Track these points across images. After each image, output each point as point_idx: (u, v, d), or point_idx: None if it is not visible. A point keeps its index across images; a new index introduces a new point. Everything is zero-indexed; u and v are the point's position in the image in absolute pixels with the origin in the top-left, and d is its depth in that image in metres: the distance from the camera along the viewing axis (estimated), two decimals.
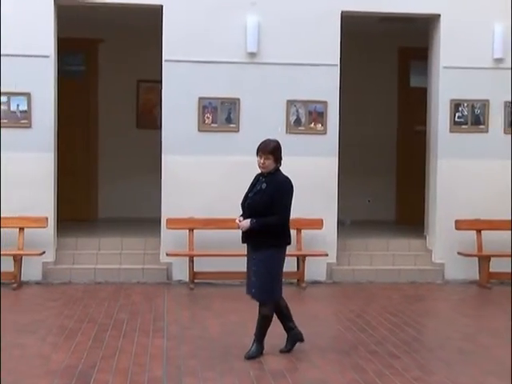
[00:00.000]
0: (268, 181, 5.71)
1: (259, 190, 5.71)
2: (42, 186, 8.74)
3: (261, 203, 5.64)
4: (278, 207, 5.64)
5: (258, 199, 5.67)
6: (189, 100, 8.85)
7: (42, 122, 8.71)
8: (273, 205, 5.62)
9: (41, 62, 8.67)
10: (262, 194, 5.67)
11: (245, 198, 5.82)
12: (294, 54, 8.95)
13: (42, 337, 6.25)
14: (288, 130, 9.02)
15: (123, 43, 11.00)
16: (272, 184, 5.68)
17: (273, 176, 5.74)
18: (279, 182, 5.72)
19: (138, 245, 9.22)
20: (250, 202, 5.70)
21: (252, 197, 5.73)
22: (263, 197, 5.65)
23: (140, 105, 11.39)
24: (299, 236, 8.87)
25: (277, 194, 5.65)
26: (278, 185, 5.70)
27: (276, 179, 5.73)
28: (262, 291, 5.69)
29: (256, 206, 5.65)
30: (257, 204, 5.65)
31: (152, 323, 6.80)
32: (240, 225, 5.69)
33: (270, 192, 5.65)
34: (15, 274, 8.36)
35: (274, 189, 5.66)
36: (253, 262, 5.69)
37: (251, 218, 5.63)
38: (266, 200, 5.63)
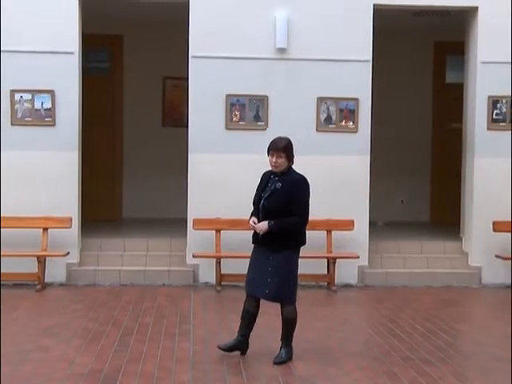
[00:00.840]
0: (283, 180, 5.68)
1: (274, 189, 5.67)
2: (66, 186, 8.84)
3: (278, 204, 5.61)
4: (298, 207, 5.62)
5: (274, 200, 5.64)
6: (216, 97, 8.88)
7: (67, 120, 8.81)
8: (291, 205, 5.59)
9: (65, 58, 8.77)
10: (278, 193, 5.64)
11: (257, 198, 5.77)
12: (324, 49, 8.93)
13: (66, 339, 6.32)
14: (318, 128, 9.01)
15: (149, 39, 11.07)
16: (288, 183, 5.65)
17: (287, 175, 5.71)
18: (296, 180, 5.69)
19: (164, 246, 9.28)
20: (266, 203, 5.66)
21: (267, 197, 5.68)
22: (280, 197, 5.62)
23: (166, 102, 11.45)
24: (329, 237, 8.85)
25: (295, 193, 5.62)
26: (295, 184, 5.66)
27: (292, 178, 5.69)
28: (283, 292, 5.68)
29: (273, 207, 5.62)
30: (274, 205, 5.62)
31: (178, 326, 6.84)
32: (257, 227, 5.66)
33: (286, 191, 5.62)
34: (39, 276, 8.46)
35: (291, 188, 5.63)
36: (269, 263, 5.65)
37: (269, 220, 5.61)
38: (283, 200, 5.60)
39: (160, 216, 10.94)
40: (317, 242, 8.82)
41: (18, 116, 8.75)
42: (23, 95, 8.73)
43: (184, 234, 9.01)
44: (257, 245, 5.79)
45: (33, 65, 8.71)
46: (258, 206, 5.74)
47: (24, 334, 6.43)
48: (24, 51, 8.68)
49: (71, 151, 8.85)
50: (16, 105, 8.73)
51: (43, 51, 8.72)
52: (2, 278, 8.52)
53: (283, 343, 5.82)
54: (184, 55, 9.00)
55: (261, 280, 5.69)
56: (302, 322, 6.99)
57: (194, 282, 8.95)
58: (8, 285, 8.54)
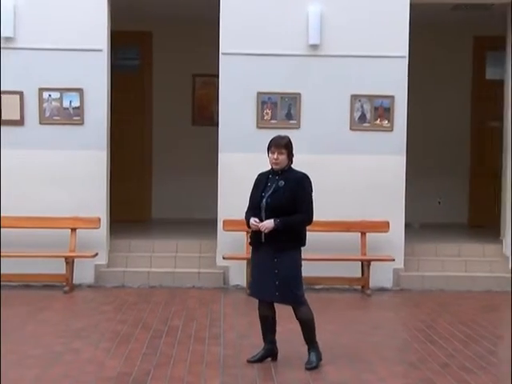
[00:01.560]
0: (285, 178, 5.67)
1: (277, 187, 5.65)
2: (94, 186, 8.94)
3: (283, 201, 5.59)
4: (302, 204, 5.61)
5: (278, 197, 5.61)
6: (247, 95, 8.90)
7: (95, 119, 8.90)
8: (295, 202, 5.59)
9: (94, 56, 8.87)
10: (283, 191, 5.63)
11: (257, 198, 5.71)
12: (358, 45, 8.90)
13: (95, 342, 6.39)
14: (352, 126, 8.98)
15: (178, 36, 11.15)
16: (291, 180, 5.65)
17: (288, 173, 5.70)
18: (299, 177, 5.69)
19: (194, 247, 9.33)
20: (270, 202, 5.63)
21: (270, 195, 5.66)
22: (284, 194, 5.61)
23: (196, 100, 11.52)
24: (363, 239, 8.82)
25: (299, 190, 5.62)
26: (299, 181, 5.66)
27: (294, 175, 5.70)
28: (294, 294, 5.67)
29: (277, 204, 5.60)
30: (278, 202, 5.60)
31: (208, 330, 6.87)
32: (261, 226, 5.59)
33: (290, 189, 5.61)
34: (67, 277, 8.56)
35: (294, 185, 5.62)
36: (274, 265, 5.63)
37: (274, 218, 5.58)
38: (288, 197, 5.59)
39: (190, 217, 11.00)
40: (351, 244, 8.82)
41: (46, 115, 8.87)
42: (51, 94, 8.84)
43: (214, 235, 9.05)
44: (259, 246, 5.74)
45: (61, 63, 8.82)
46: (258, 206, 5.68)
47: (53, 336, 6.52)
48: (52, 49, 8.80)
49: (100, 150, 8.94)
50: (44, 103, 8.85)
51: (71, 49, 8.83)
52: (31, 279, 8.66)
53: (309, 347, 5.81)
54: (214, 52, 9.04)
55: (268, 283, 5.68)
56: (335, 327, 7.00)
57: (224, 285, 8.98)
58: (37, 286, 8.68)
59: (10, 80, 8.78)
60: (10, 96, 8.78)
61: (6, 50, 8.77)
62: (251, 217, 5.67)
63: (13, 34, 8.75)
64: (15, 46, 8.79)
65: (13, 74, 8.78)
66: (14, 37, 8.77)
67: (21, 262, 8.60)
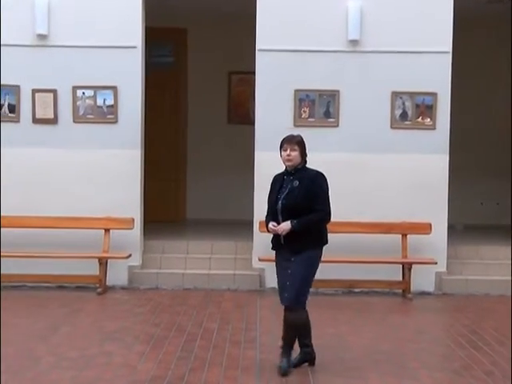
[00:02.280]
0: (299, 177, 5.64)
1: (292, 188, 5.62)
2: (128, 185, 9.00)
3: (298, 201, 5.55)
4: (318, 202, 5.57)
5: (293, 197, 5.58)
6: (284, 92, 8.88)
7: (129, 117, 8.96)
8: (311, 201, 5.54)
9: (128, 53, 8.93)
10: (298, 191, 5.59)
11: (274, 200, 5.68)
12: (399, 40, 8.82)
13: (128, 345, 6.43)
14: (393, 125, 8.90)
15: (214, 32, 11.18)
16: (306, 179, 5.61)
17: (302, 172, 5.67)
18: (313, 175, 5.65)
19: (229, 249, 9.33)
20: (286, 203, 5.60)
21: (285, 196, 5.63)
22: (299, 194, 5.57)
23: (231, 98, 11.54)
24: (404, 242, 8.74)
25: (314, 188, 5.58)
26: (313, 179, 5.62)
27: (308, 174, 5.66)
28: (297, 295, 5.61)
29: (292, 205, 5.57)
30: (293, 202, 5.57)
31: (244, 333, 6.87)
32: (279, 229, 5.58)
33: (306, 188, 5.58)
34: (100, 278, 8.63)
35: (309, 184, 5.59)
36: (289, 265, 5.62)
37: (291, 220, 5.56)
38: (303, 197, 5.56)
39: (225, 217, 11.02)
40: (391, 246, 8.75)
41: (79, 113, 8.95)
42: (85, 91, 8.92)
43: (250, 236, 9.05)
44: (278, 249, 5.74)
45: (95, 60, 8.89)
46: (275, 209, 5.67)
47: (87, 339, 6.58)
48: (86, 46, 8.88)
49: (134, 149, 9.00)
50: (78, 101, 8.93)
51: (105, 46, 8.90)
52: (64, 280, 8.74)
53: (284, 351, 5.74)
54: (251, 49, 9.04)
55: (284, 285, 5.67)
56: (375, 332, 6.95)
57: (260, 287, 8.97)
58: (70, 287, 8.77)
59: (44, 78, 8.88)
60: (44, 94, 8.89)
61: (39, 47, 8.88)
62: (270, 221, 5.67)
63: (47, 32, 8.85)
64: (49, 44, 8.89)
65: (46, 71, 8.89)
66: (48, 34, 8.87)
67: (54, 263, 8.69)
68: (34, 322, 7.16)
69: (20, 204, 8.85)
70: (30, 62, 8.89)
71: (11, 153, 8.90)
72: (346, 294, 8.78)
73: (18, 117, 8.94)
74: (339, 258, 8.58)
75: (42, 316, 7.41)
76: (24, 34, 8.87)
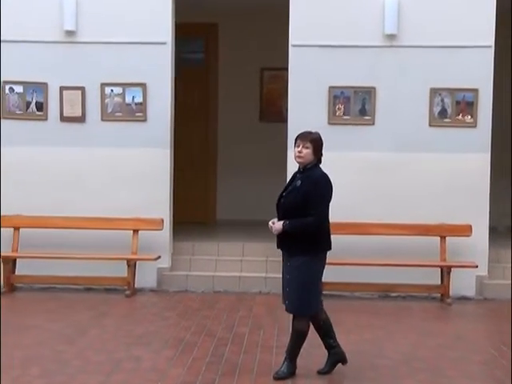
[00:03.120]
0: (303, 177, 5.63)
1: (293, 187, 5.64)
2: (157, 185, 9.04)
3: (293, 202, 5.56)
4: (314, 206, 5.52)
5: (291, 197, 5.60)
6: (318, 89, 8.86)
7: (159, 115, 9.01)
8: (308, 204, 5.52)
9: (157, 49, 8.98)
10: (296, 192, 5.60)
11: (279, 197, 5.74)
12: (439, 34, 8.76)
13: (156, 349, 6.47)
14: (431, 122, 8.84)
15: (245, 27, 11.18)
16: (307, 181, 5.59)
17: (309, 172, 5.65)
18: (315, 177, 5.61)
19: (261, 251, 9.33)
20: (283, 202, 5.63)
21: (285, 196, 5.66)
22: (297, 195, 5.57)
23: (264, 95, 11.54)
24: (443, 244, 8.67)
25: (312, 191, 5.54)
26: (314, 181, 5.59)
27: (312, 175, 5.63)
28: (296, 303, 5.60)
29: (289, 206, 5.58)
30: (289, 203, 5.58)
31: (276, 338, 6.87)
32: (273, 228, 5.64)
33: (304, 189, 5.56)
34: (129, 281, 8.69)
35: (308, 186, 5.56)
36: (287, 270, 5.63)
37: (284, 220, 5.57)
38: (299, 199, 5.54)
39: (257, 218, 10.96)
40: (429, 249, 8.69)
41: (108, 111, 9.02)
42: (114, 89, 8.99)
43: None
44: (280, 250, 5.79)
45: (124, 56, 8.96)
46: (278, 206, 5.72)
47: (115, 342, 6.64)
48: (115, 42, 8.95)
49: (163, 148, 9.05)
50: (106, 99, 9.00)
51: (135, 42, 8.96)
52: (93, 282, 8.82)
53: (287, 356, 5.76)
54: (284, 44, 9.03)
55: (284, 290, 5.70)
56: (413, 338, 6.90)
57: None
58: (98, 289, 8.84)
59: (72, 75, 8.97)
60: (72, 92, 8.98)
61: (67, 44, 8.97)
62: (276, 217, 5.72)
63: (75, 28, 8.93)
64: (77, 40, 8.98)
65: (74, 68, 8.98)
66: (76, 30, 8.95)
67: (83, 265, 8.78)
68: (62, 324, 7.24)
69: (47, 204, 8.95)
70: (58, 58, 8.98)
71: (38, 152, 9.01)
72: (382, 299, 8.74)
73: (45, 115, 9.04)
74: (375, 261, 8.56)
75: (70, 318, 7.49)
76: (52, 30, 8.97)
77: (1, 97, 9.01)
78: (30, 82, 8.98)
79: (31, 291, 8.83)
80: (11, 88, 9.00)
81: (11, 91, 9.00)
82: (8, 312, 8.04)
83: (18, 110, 9.04)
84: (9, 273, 8.76)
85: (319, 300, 5.74)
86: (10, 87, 9.00)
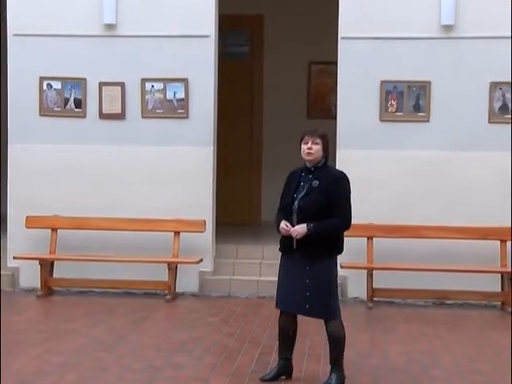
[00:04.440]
0: (320, 177, 5.57)
1: (310, 188, 5.56)
2: (199, 185, 9.09)
3: (316, 204, 5.49)
4: (339, 207, 5.51)
5: (312, 199, 5.52)
6: (369, 84, 8.82)
7: (201, 112, 9.06)
8: (331, 205, 5.49)
9: (200, 42, 9.03)
10: (317, 193, 5.53)
11: (289, 199, 5.64)
12: (498, 25, 8.64)
13: (198, 356, 6.50)
14: (491, 119, 8.73)
15: (292, 19, 11.19)
16: (327, 180, 5.54)
17: (323, 170, 5.60)
18: (336, 177, 5.58)
19: None
20: (303, 205, 5.55)
21: (303, 197, 5.57)
22: (319, 196, 5.51)
23: (311, 90, 11.53)
24: (503, 249, 8.57)
25: (336, 191, 5.51)
26: (336, 181, 5.55)
27: (330, 174, 5.59)
28: (327, 307, 5.59)
29: (311, 208, 5.50)
30: (312, 206, 5.51)
31: (323, 347, 6.82)
32: (293, 231, 5.52)
33: (326, 190, 5.51)
34: (169, 285, 8.75)
35: (330, 185, 5.52)
36: (305, 274, 5.56)
37: (307, 223, 5.50)
38: (322, 199, 5.49)
39: None
40: (488, 253, 8.59)
41: (148, 108, 9.10)
42: (154, 84, 9.07)
43: None
44: (288, 253, 5.69)
45: (165, 51, 9.03)
46: (290, 209, 5.62)
47: (155, 349, 6.69)
48: (155, 36, 9.02)
49: (206, 146, 9.09)
50: (147, 95, 9.08)
51: (176, 35, 9.02)
52: (132, 286, 8.91)
53: (332, 367, 5.71)
54: (333, 36, 9.01)
55: (297, 294, 5.62)
56: (471, 349, 6.82)
57: (341, 297, 8.85)
58: (138, 293, 8.93)
59: (111, 70, 9.08)
60: (111, 87, 9.08)
61: (107, 37, 9.07)
62: (282, 220, 5.63)
63: (114, 21, 9.03)
64: (117, 34, 9.08)
65: (114, 63, 9.08)
66: (116, 24, 9.05)
67: (122, 268, 8.88)
68: (100, 329, 7.33)
69: (85, 204, 9.07)
70: (97, 53, 9.09)
71: (76, 150, 9.13)
72: (437, 306, 8.66)
73: (84, 112, 9.16)
74: (429, 266, 8.49)
75: (109, 324, 7.58)
76: (91, 23, 9.08)
77: (38, 93, 9.14)
78: (68, 78, 9.11)
79: (69, 295, 8.97)
80: (49, 84, 9.14)
81: (49, 87, 9.15)
82: (45, 316, 8.19)
83: (56, 107, 9.18)
84: (46, 276, 8.90)
85: None
86: (48, 83, 9.14)
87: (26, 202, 9.11)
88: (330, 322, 5.68)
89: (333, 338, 5.70)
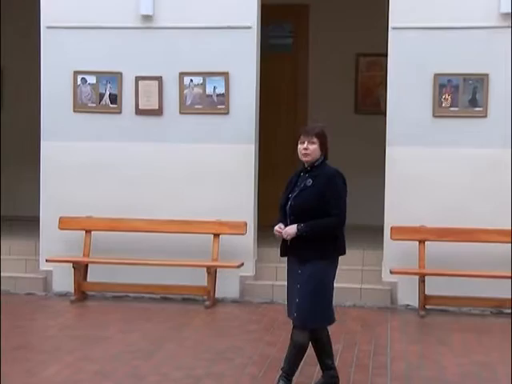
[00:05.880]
0: (314, 175, 5.61)
1: (304, 187, 5.61)
2: (240, 185, 9.13)
3: (308, 202, 5.53)
4: (332, 206, 5.52)
5: (304, 198, 5.56)
6: (422, 77, 8.78)
7: (242, 108, 9.09)
8: (325, 204, 5.51)
9: (241, 34, 9.06)
10: (310, 191, 5.57)
11: (285, 200, 5.71)
12: None
13: (240, 366, 6.53)
14: None
15: (339, 8, 11.18)
16: (320, 178, 5.58)
17: (319, 169, 5.64)
18: (330, 174, 5.61)
19: (355, 259, 9.29)
20: (295, 204, 5.59)
21: (295, 197, 5.62)
22: (311, 195, 5.55)
23: (359, 84, 11.49)
24: None
25: (329, 189, 5.55)
26: (329, 178, 5.59)
27: (324, 172, 5.62)
28: (309, 314, 5.56)
29: (302, 207, 5.55)
30: (303, 204, 5.55)
31: (371, 357, 6.84)
32: (284, 232, 5.59)
33: (319, 188, 5.54)
34: (209, 290, 8.79)
35: (324, 183, 5.55)
36: (297, 278, 5.59)
37: (298, 223, 5.53)
38: (314, 198, 5.52)
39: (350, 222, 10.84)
40: None
41: (186, 103, 9.15)
42: (193, 79, 9.12)
43: (379, 244, 9.00)
44: (288, 256, 5.76)
45: (204, 43, 9.08)
46: (285, 209, 5.68)
47: (194, 358, 6.74)
48: (194, 27, 9.08)
49: (247, 144, 9.12)
50: (185, 90, 9.14)
51: (216, 27, 9.07)
52: (169, 291, 8.98)
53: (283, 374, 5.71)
54: (382, 26, 8.99)
55: (292, 300, 5.66)
56: None
57: (391, 304, 8.91)
58: (175, 299, 8.99)
59: (148, 64, 9.15)
60: (148, 82, 9.15)
61: (143, 29, 9.15)
62: (280, 222, 5.70)
63: (152, 12, 9.10)
64: (154, 26, 9.15)
65: (151, 56, 9.16)
66: (153, 15, 9.12)
67: (158, 271, 8.95)
68: (136, 336, 7.40)
69: (120, 205, 9.16)
70: (133, 46, 9.17)
71: (112, 148, 9.23)
72: (494, 315, 8.58)
73: (119, 108, 9.25)
74: (486, 273, 8.41)
75: (146, 330, 7.65)
76: (127, 14, 9.17)
77: (72, 88, 9.25)
78: (103, 72, 9.21)
79: (103, 300, 9.06)
80: (83, 79, 9.24)
81: (83, 82, 9.25)
82: (79, 322, 8.29)
83: (90, 103, 9.28)
84: (80, 280, 9.00)
85: (333, 312, 5.75)
86: (83, 78, 9.25)
87: (60, 202, 9.23)
88: (297, 329, 5.64)
89: (295, 345, 5.67)
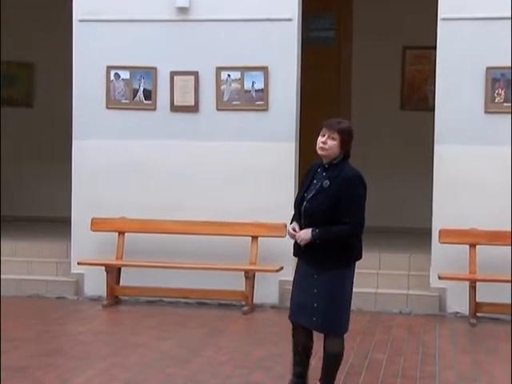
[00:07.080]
0: (332, 176, 5.52)
1: (320, 189, 5.53)
2: (280, 185, 9.12)
3: (322, 207, 5.45)
4: (349, 212, 5.43)
5: (319, 202, 5.48)
6: (473, 71, 8.71)
7: (283, 104, 9.09)
8: (342, 209, 5.42)
9: (281, 27, 9.06)
10: (326, 194, 5.48)
11: (300, 198, 5.63)
12: None
13: (279, 375, 6.51)
14: None
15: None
16: (338, 181, 5.49)
17: (338, 169, 5.55)
18: (348, 178, 5.50)
19: (401, 263, 9.27)
20: (309, 207, 5.51)
21: (311, 199, 5.54)
22: (326, 198, 5.46)
23: (406, 79, 11.45)
24: None
25: (346, 194, 5.44)
26: (347, 182, 5.48)
27: (343, 174, 5.51)
28: (332, 320, 5.54)
29: (317, 212, 5.47)
30: (318, 208, 5.47)
31: (419, 368, 6.80)
32: (298, 237, 5.53)
33: (335, 192, 5.45)
34: (246, 295, 8.81)
35: (341, 188, 5.46)
36: (314, 283, 5.52)
37: (313, 228, 5.46)
38: (329, 202, 5.44)
39: (395, 224, 10.94)
40: None
41: (224, 99, 9.17)
42: (231, 73, 9.14)
43: (427, 248, 8.95)
44: (300, 257, 5.69)
45: (242, 36, 9.09)
46: (299, 209, 5.61)
47: (231, 365, 6.75)
48: (232, 20, 9.10)
49: (287, 142, 9.12)
50: (222, 85, 9.16)
51: (255, 19, 9.08)
52: (205, 296, 9.01)
53: None
54: (431, 18, 8.93)
55: (306, 304, 5.59)
56: None
57: (439, 311, 8.85)
58: (211, 304, 9.02)
59: (184, 58, 9.19)
60: (184, 77, 9.19)
61: (179, 22, 9.19)
62: (293, 221, 5.65)
63: (188, 4, 9.14)
64: (190, 18, 9.18)
65: (187, 50, 9.19)
66: (189, 7, 9.15)
67: (194, 275, 8.98)
68: (171, 343, 7.43)
69: (155, 205, 9.20)
70: (169, 39, 9.21)
71: (145, 146, 9.27)
72: None
73: (154, 104, 9.30)
74: None
75: (181, 337, 7.68)
76: (162, 7, 9.22)
77: (105, 84, 9.32)
78: (137, 67, 9.26)
79: (137, 304, 9.11)
80: (117, 74, 9.31)
81: (117, 77, 9.31)
82: (111, 328, 8.35)
83: (123, 99, 9.34)
84: (112, 283, 9.06)
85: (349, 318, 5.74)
86: (116, 73, 9.31)
87: (91, 203, 9.30)
88: (330, 338, 5.65)
89: (330, 355, 5.69)
